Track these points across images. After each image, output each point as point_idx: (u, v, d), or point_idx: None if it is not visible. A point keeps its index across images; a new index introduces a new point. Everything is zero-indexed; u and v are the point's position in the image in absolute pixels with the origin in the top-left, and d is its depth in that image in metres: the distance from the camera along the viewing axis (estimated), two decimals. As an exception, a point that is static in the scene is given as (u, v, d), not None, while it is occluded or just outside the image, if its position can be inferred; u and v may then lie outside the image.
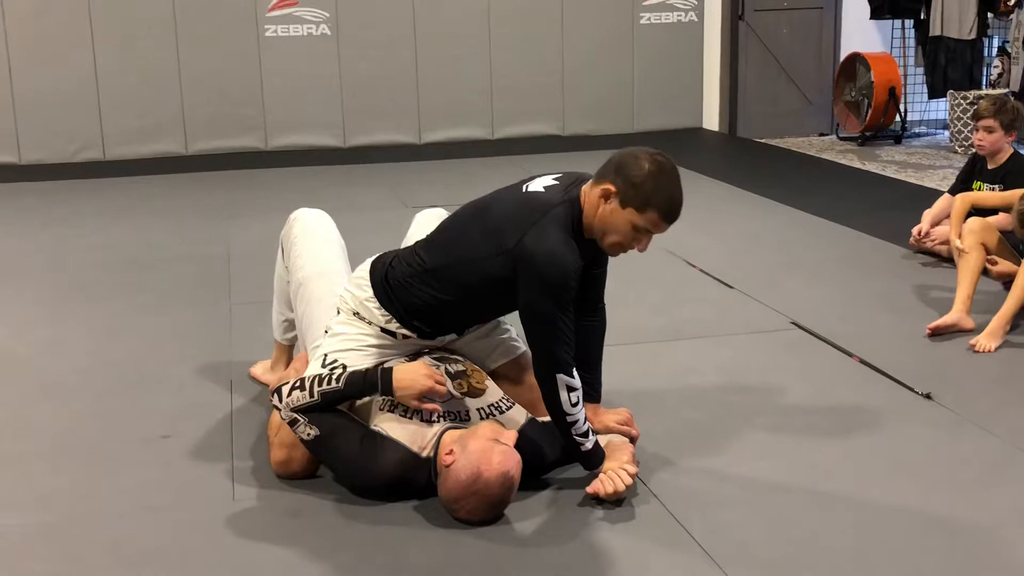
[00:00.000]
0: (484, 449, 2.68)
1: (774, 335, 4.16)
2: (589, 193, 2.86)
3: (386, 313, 3.01)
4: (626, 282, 4.90)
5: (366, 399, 2.92)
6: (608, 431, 3.05)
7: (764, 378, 3.72)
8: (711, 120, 9.80)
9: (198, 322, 4.45)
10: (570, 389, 2.82)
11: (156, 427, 3.38)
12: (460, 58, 9.04)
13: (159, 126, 8.78)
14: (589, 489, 2.83)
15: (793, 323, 4.27)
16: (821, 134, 9.65)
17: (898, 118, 9.05)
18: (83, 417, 3.49)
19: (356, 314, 3.05)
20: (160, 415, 3.48)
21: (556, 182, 2.96)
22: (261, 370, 3.74)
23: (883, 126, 9.01)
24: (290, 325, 3.56)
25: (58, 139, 8.62)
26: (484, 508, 2.70)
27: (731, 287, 4.79)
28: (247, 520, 2.79)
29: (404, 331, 3.02)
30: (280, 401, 2.84)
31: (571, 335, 2.83)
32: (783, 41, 9.53)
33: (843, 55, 9.38)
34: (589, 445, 2.86)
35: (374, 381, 2.85)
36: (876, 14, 9.14)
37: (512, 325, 3.20)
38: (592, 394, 3.11)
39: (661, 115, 9.69)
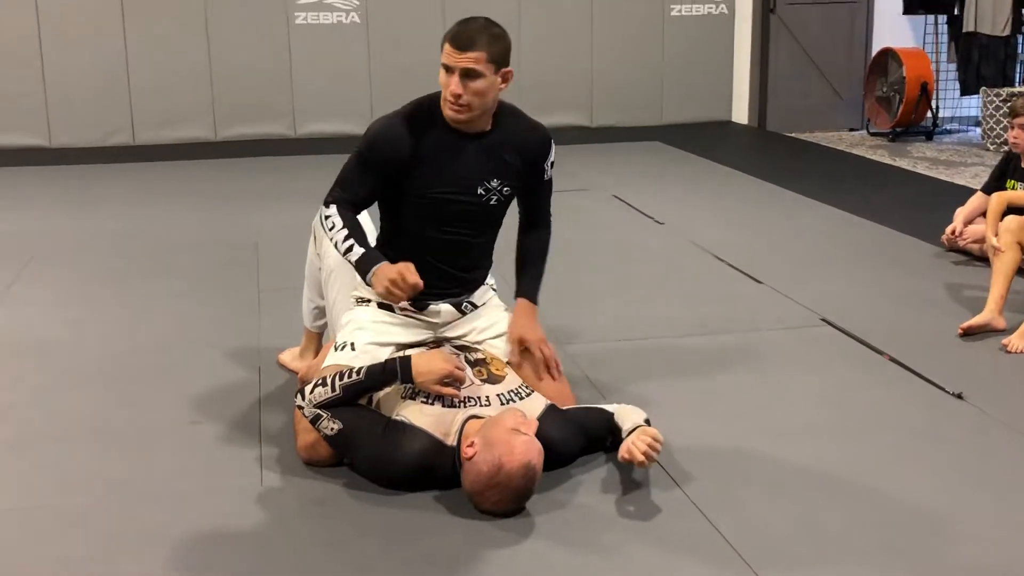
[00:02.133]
0: (505, 440, 2.67)
1: (803, 331, 4.14)
2: None
3: None
4: (654, 276, 4.89)
5: (388, 391, 2.94)
6: (519, 342, 3.15)
7: (793, 374, 3.70)
8: (740, 113, 9.75)
9: (227, 308, 4.47)
10: (325, 217, 3.07)
11: (185, 413, 3.40)
12: (489, 47, 9.01)
13: (188, 112, 8.81)
14: (622, 451, 2.85)
15: (823, 320, 4.24)
16: (851, 129, 9.58)
17: (929, 114, 8.97)
18: (112, 401, 3.51)
19: (360, 299, 3.19)
20: (189, 401, 3.49)
21: None
22: (290, 357, 3.75)
23: (914, 122, 8.94)
24: (320, 312, 3.57)
25: (88, 123, 8.66)
26: (508, 499, 2.69)
27: (760, 282, 4.76)
28: (274, 506, 2.80)
29: None
30: (303, 399, 2.87)
31: (353, 185, 3.08)
32: (814, 35, 9.47)
33: (875, 50, 9.31)
34: (353, 257, 3.02)
35: (393, 369, 2.87)
36: (909, 9, 9.07)
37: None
38: (522, 290, 3.26)
39: (690, 107, 9.65)
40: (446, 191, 3.07)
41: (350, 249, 3.01)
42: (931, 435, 3.22)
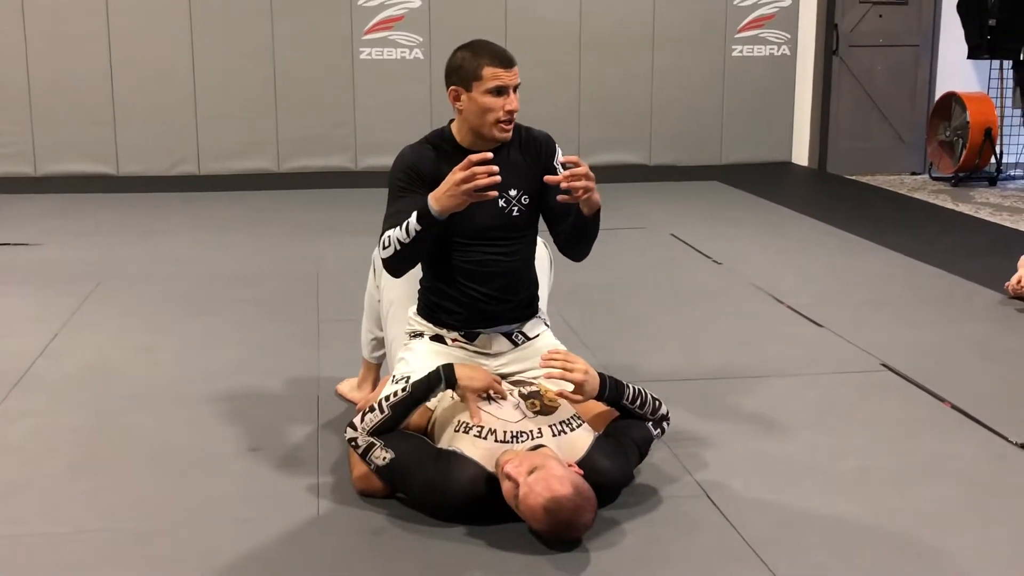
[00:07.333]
0: (534, 481, 2.67)
1: (863, 376, 4.10)
2: (455, 114, 3.16)
3: (423, 321, 3.24)
4: (712, 317, 4.87)
5: (442, 422, 2.98)
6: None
7: (852, 420, 3.66)
8: (800, 155, 9.72)
9: (287, 337, 4.52)
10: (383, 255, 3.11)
11: (244, 440, 3.44)
12: (549, 84, 9.05)
13: (253, 143, 8.96)
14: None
15: (883, 365, 4.20)
16: (913, 173, 9.50)
17: (993, 160, 8.88)
18: (173, 427, 3.56)
19: (413, 333, 3.26)
20: (248, 428, 3.53)
21: None
22: (348, 388, 3.79)
23: (978, 167, 8.85)
24: (378, 343, 3.60)
25: (155, 152, 8.83)
26: (559, 530, 2.69)
27: (820, 325, 4.73)
28: (331, 536, 2.82)
29: (444, 332, 3.20)
30: (355, 430, 2.92)
31: (394, 219, 3.06)
32: (877, 78, 9.43)
33: (938, 94, 9.25)
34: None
35: (437, 375, 2.95)
36: (974, 54, 8.98)
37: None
38: None
39: (750, 148, 9.63)
40: (469, 208, 3.07)
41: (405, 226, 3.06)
42: (994, 485, 3.16)
